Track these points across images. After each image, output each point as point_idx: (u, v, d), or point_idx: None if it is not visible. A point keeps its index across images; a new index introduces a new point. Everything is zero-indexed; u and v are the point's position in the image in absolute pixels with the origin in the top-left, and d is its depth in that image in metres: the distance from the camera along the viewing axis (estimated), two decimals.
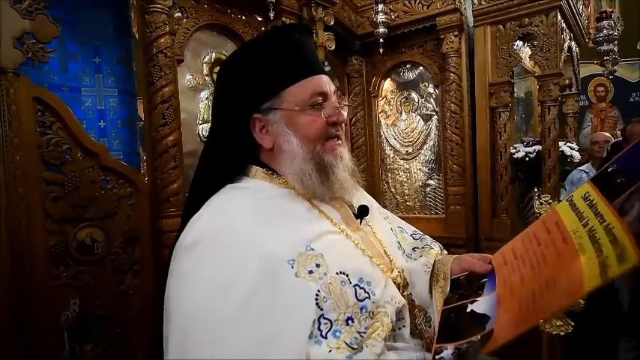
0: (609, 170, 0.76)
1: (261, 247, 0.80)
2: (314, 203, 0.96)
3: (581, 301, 1.41)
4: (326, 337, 0.77)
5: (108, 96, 2.10)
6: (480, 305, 0.81)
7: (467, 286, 0.93)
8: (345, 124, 1.03)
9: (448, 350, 0.74)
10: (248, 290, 0.76)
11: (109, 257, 1.75)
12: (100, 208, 1.73)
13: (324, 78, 0.97)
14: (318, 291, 0.79)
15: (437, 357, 0.74)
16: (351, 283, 0.84)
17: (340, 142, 0.98)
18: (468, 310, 0.82)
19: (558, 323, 1.40)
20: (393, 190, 3.65)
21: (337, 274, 0.83)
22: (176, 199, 1.88)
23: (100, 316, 1.72)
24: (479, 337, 0.72)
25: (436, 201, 3.43)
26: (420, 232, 1.23)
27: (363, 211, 1.02)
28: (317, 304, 0.78)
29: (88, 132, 1.77)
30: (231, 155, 0.99)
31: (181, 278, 0.82)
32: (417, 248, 1.14)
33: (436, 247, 1.17)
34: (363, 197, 1.13)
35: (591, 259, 0.63)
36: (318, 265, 0.82)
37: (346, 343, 0.77)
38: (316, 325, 0.76)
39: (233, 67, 1.02)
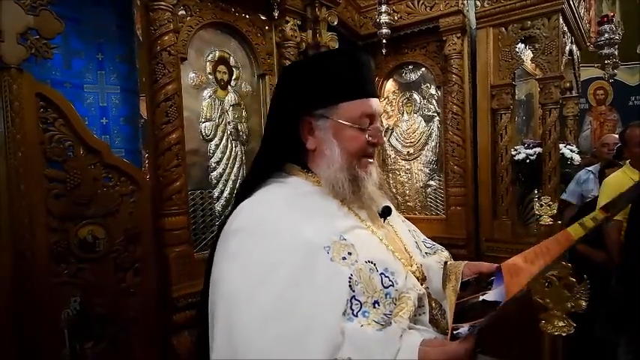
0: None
1: (303, 234, 0.91)
2: (343, 201, 1.05)
3: (583, 302, 1.42)
4: (357, 316, 0.86)
5: (110, 93, 2.10)
6: (490, 295, 0.90)
7: (476, 285, 1.00)
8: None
9: (464, 328, 0.82)
10: (292, 269, 0.85)
11: (111, 255, 1.75)
12: (102, 205, 1.72)
13: (375, 101, 1.06)
14: (351, 275, 0.88)
15: (455, 332, 0.83)
16: (377, 271, 0.93)
17: (372, 161, 1.08)
18: (480, 299, 0.91)
19: (560, 324, 1.40)
20: (394, 190, 3.64)
21: (366, 262, 0.92)
22: (178, 198, 1.88)
23: (100, 315, 1.71)
24: (493, 314, 0.83)
25: (437, 202, 3.43)
26: (430, 241, 1.33)
27: (386, 211, 1.12)
28: (350, 285, 0.87)
29: (90, 129, 1.77)
30: (279, 150, 1.09)
31: (230, 258, 0.91)
32: (429, 254, 1.24)
33: (446, 252, 1.28)
34: (385, 201, 1.22)
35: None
36: (350, 253, 0.92)
37: (375, 321, 0.86)
38: (349, 305, 0.86)
39: (300, 70, 1.13)
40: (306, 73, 1.08)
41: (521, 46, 3.04)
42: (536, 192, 2.99)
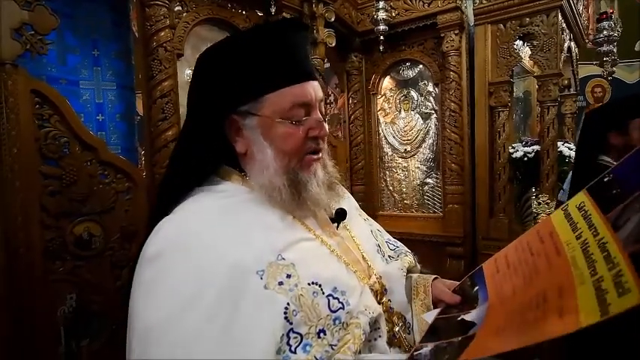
0: (605, 180, 0.71)
1: (229, 257, 0.76)
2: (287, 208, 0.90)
3: None
4: (295, 352, 0.73)
5: (106, 90, 2.08)
6: (472, 315, 0.79)
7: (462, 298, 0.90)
8: (328, 132, 0.93)
9: (427, 348, 0.73)
10: (213, 303, 0.71)
11: (107, 252, 1.74)
12: (98, 202, 1.71)
13: (311, 85, 0.87)
14: (288, 304, 0.74)
15: (415, 353, 0.74)
16: (324, 293, 0.80)
17: (317, 157, 0.91)
18: (459, 318, 0.80)
19: None
20: (391, 188, 3.65)
21: (309, 284, 0.79)
22: None
23: (96, 312, 1.70)
24: (459, 338, 0.71)
25: (434, 199, 3.43)
26: (395, 241, 1.17)
27: (340, 216, 0.97)
28: (286, 317, 0.74)
29: (86, 126, 1.75)
30: (204, 156, 0.92)
31: (144, 290, 0.77)
32: (392, 257, 1.09)
33: (410, 255, 1.13)
34: (339, 202, 1.04)
35: (586, 284, 0.56)
36: (289, 276, 0.77)
37: (316, 358, 0.74)
38: (285, 340, 0.73)
39: (216, 59, 0.92)
40: (223, 61, 0.89)
41: (519, 43, 3.03)
42: (533, 190, 2.99)
